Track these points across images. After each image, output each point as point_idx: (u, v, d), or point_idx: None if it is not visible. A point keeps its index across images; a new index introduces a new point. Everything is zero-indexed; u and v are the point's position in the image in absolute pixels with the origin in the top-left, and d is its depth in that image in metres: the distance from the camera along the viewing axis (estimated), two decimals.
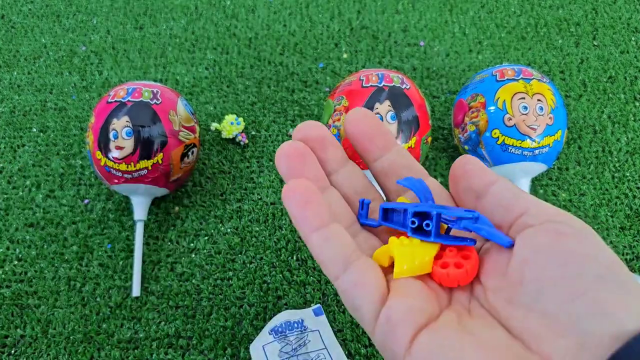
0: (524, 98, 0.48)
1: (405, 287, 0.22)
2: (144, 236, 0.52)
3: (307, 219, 0.22)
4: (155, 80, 0.64)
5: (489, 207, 0.23)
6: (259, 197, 0.55)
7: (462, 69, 0.64)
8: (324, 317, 0.45)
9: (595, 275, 0.19)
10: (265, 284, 0.50)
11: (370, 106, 0.48)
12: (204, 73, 0.64)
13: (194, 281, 0.50)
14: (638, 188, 0.55)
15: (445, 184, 0.55)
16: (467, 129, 0.51)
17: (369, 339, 0.45)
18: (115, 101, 0.48)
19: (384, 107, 0.48)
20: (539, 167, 0.50)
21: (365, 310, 0.21)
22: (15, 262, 0.51)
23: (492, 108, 0.48)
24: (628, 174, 0.55)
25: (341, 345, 0.45)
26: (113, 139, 0.47)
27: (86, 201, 0.55)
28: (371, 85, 0.49)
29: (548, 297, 0.20)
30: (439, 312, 0.22)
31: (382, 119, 0.47)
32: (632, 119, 0.59)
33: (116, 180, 0.48)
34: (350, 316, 0.47)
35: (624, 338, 0.18)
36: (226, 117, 0.58)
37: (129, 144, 0.47)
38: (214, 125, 0.58)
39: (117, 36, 0.68)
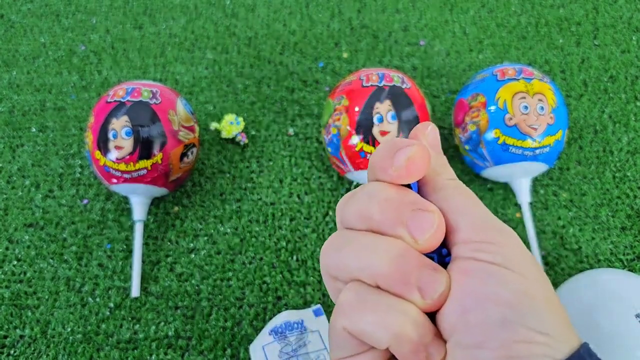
0: (524, 98, 0.48)
1: None
2: (143, 236, 0.52)
3: None
4: (154, 80, 0.64)
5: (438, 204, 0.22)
6: (259, 197, 0.55)
7: (462, 69, 0.63)
8: (324, 318, 0.45)
9: (498, 320, 0.19)
10: (265, 285, 0.50)
11: (370, 105, 0.48)
12: (203, 72, 0.64)
13: (193, 281, 0.50)
14: (639, 188, 0.55)
15: None
16: (467, 128, 0.50)
17: None
18: (115, 101, 0.48)
19: (385, 106, 0.47)
20: (539, 167, 0.50)
21: None
22: (15, 263, 0.51)
23: (492, 108, 0.48)
24: (629, 174, 0.55)
25: None
26: (112, 139, 0.47)
27: (85, 201, 0.55)
28: (371, 85, 0.48)
29: (459, 343, 0.20)
30: None
31: (382, 118, 0.47)
32: (633, 118, 0.59)
33: (115, 180, 0.48)
34: None
35: None
36: (226, 116, 0.58)
37: (128, 144, 0.46)
38: (214, 125, 0.58)
39: (116, 36, 0.68)
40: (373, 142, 0.47)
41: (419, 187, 0.23)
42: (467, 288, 0.20)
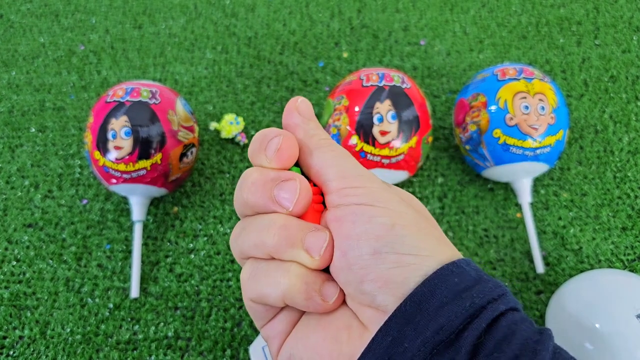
0: (525, 97, 0.47)
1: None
2: (142, 237, 0.52)
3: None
4: (154, 80, 0.63)
5: (313, 168, 0.25)
6: None
7: (463, 68, 0.63)
8: None
9: (371, 252, 0.22)
10: None
11: (370, 105, 0.47)
12: (203, 72, 0.64)
13: (192, 282, 0.50)
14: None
15: (445, 184, 0.55)
16: (468, 128, 0.50)
17: None
18: (114, 101, 0.48)
19: (385, 106, 0.47)
20: (540, 167, 0.49)
21: None
22: (14, 263, 0.51)
23: (493, 107, 0.48)
24: (630, 174, 0.55)
25: None
26: (111, 139, 0.46)
27: (85, 201, 0.55)
28: (371, 85, 0.48)
29: (347, 282, 0.23)
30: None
31: (382, 118, 0.47)
32: (634, 118, 0.59)
33: (114, 181, 0.48)
34: None
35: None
36: (225, 116, 0.57)
37: (127, 144, 0.46)
38: (213, 125, 0.58)
39: (115, 35, 0.68)
40: (373, 142, 0.47)
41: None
42: (342, 232, 0.23)
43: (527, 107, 0.47)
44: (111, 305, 0.49)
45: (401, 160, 0.48)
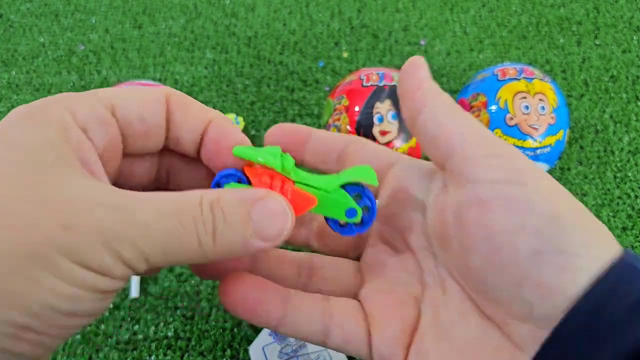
0: (525, 97, 0.47)
1: (381, 311, 0.22)
2: None
3: (263, 322, 0.21)
4: (154, 80, 0.63)
5: (420, 137, 0.21)
6: None
7: (463, 68, 0.63)
8: None
9: (530, 252, 0.17)
10: None
11: (370, 105, 0.47)
12: (203, 72, 0.64)
13: (192, 282, 0.50)
14: None
15: None
16: None
17: None
18: None
19: (385, 106, 0.47)
20: (540, 167, 0.49)
21: (363, 355, 0.21)
22: None
23: (493, 107, 0.48)
24: (630, 174, 0.55)
25: None
26: None
27: None
28: (371, 84, 0.48)
29: (495, 285, 0.18)
30: (416, 315, 0.22)
31: (382, 118, 0.47)
32: (634, 118, 0.59)
33: None
34: None
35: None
36: (225, 116, 0.57)
37: None
38: None
39: (115, 35, 0.68)
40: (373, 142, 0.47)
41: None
42: (492, 222, 0.18)
43: (527, 107, 0.47)
44: (111, 305, 0.49)
45: None
